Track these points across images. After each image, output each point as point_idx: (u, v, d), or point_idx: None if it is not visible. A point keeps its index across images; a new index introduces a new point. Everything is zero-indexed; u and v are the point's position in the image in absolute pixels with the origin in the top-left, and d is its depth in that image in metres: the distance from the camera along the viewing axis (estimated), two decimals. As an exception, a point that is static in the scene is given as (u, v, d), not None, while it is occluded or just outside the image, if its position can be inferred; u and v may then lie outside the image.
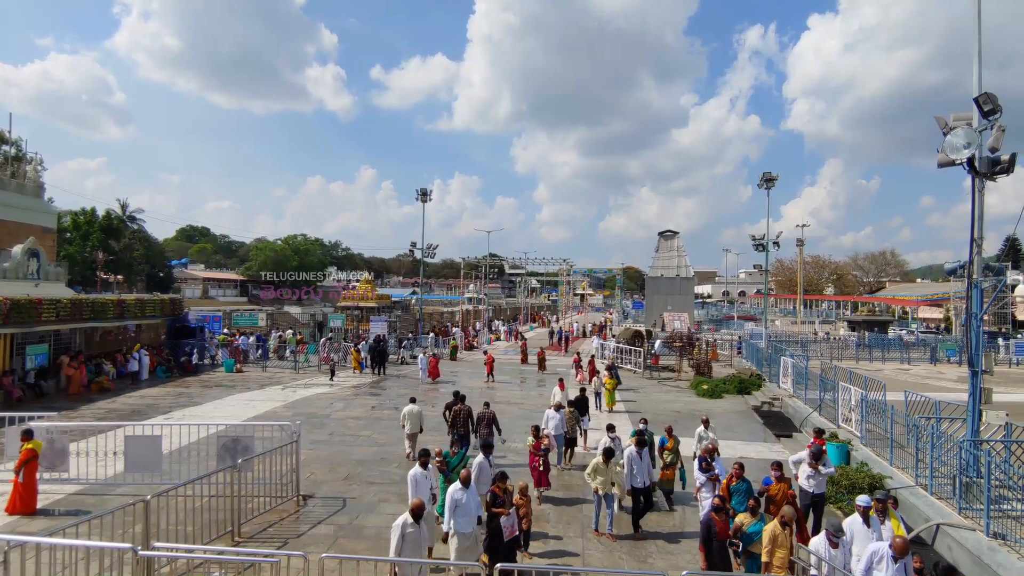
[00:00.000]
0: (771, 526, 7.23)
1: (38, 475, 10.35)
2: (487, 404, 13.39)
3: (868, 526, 7.39)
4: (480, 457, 9.80)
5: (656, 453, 11.17)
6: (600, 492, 9.50)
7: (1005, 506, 9.15)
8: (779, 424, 18.06)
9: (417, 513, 7.07)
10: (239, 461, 9.37)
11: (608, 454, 9.65)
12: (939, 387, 23.48)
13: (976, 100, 10.06)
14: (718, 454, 10.07)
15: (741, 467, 9.06)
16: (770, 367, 25.06)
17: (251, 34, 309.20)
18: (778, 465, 8.97)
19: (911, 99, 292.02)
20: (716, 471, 9.49)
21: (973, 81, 10.48)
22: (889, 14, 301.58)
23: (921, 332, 51.79)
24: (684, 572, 6.24)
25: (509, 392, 22.64)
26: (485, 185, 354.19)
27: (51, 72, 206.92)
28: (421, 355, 26.05)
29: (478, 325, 47.32)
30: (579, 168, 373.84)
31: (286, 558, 7.11)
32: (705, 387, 23.10)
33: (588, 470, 9.67)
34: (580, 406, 14.98)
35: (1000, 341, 36.74)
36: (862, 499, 7.66)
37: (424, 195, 39.14)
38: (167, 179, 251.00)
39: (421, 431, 13.58)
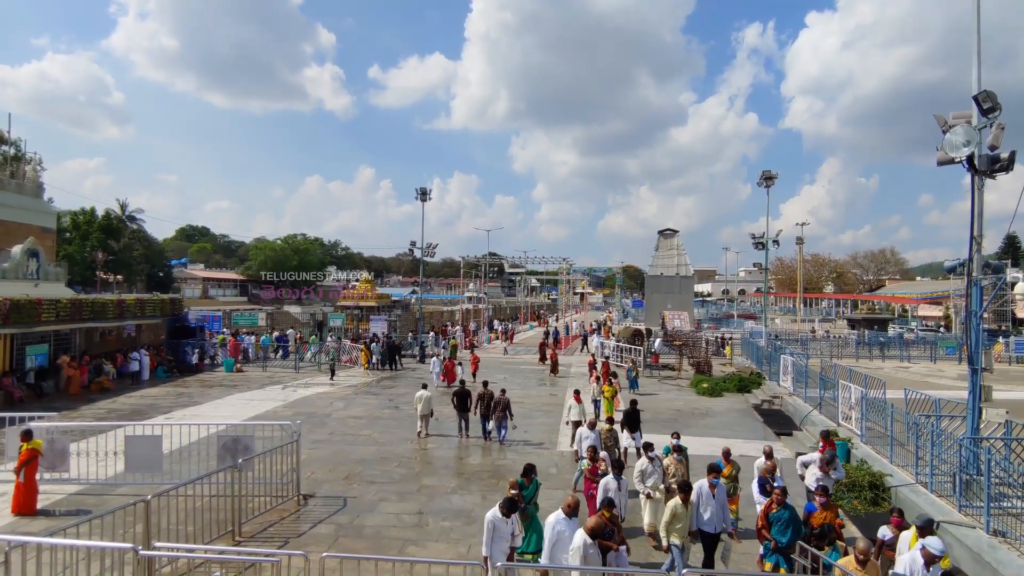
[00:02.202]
0: (845, 561, 6.48)
1: (38, 475, 10.36)
2: (503, 391, 15.47)
3: (928, 571, 6.29)
4: (609, 477, 8.94)
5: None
6: (679, 543, 7.72)
7: (1005, 504, 9.16)
8: (779, 422, 18.07)
9: (596, 533, 6.55)
10: (239, 461, 9.37)
11: (686, 489, 7.96)
12: (939, 385, 23.52)
13: (975, 98, 10.06)
14: (781, 477, 9.18)
15: (784, 492, 7.98)
16: (770, 365, 25.09)
17: (248, 34, 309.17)
18: (823, 490, 8.13)
19: (909, 97, 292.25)
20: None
21: (972, 79, 10.47)
22: (887, 11, 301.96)
23: (921, 330, 51.84)
24: (685, 571, 6.25)
25: (510, 392, 22.59)
26: (484, 184, 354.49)
27: (48, 72, 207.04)
28: (435, 359, 25.11)
29: (473, 325, 47.15)
30: (578, 167, 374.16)
31: (287, 558, 7.12)
32: (705, 385, 23.11)
33: (666, 518, 7.86)
34: (631, 421, 13.33)
35: (1000, 339, 36.74)
36: (936, 546, 6.21)
37: (423, 194, 39.06)
38: (166, 179, 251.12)
39: (431, 414, 15.93)
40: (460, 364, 24.76)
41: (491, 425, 15.10)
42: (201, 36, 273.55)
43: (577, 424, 13.80)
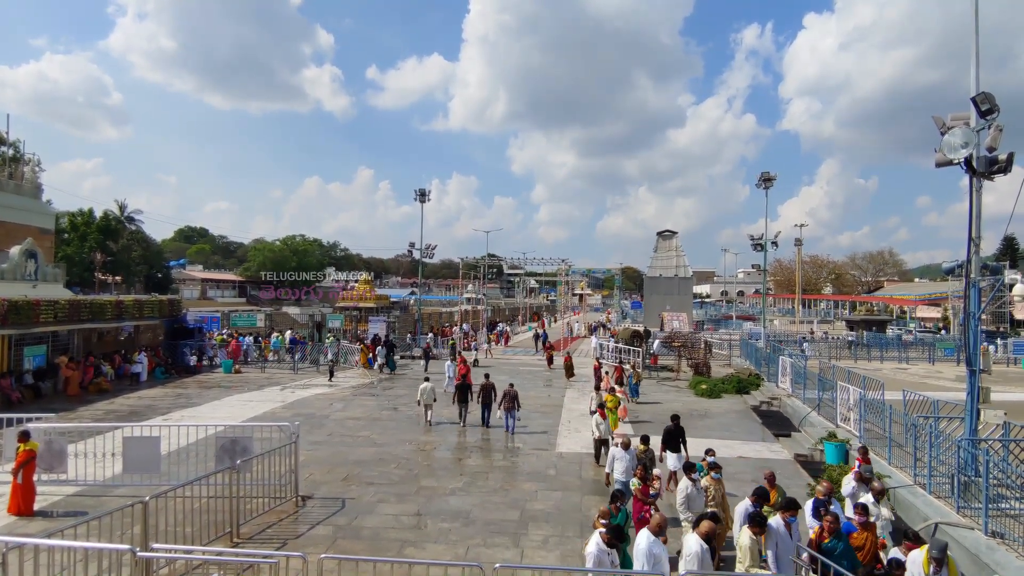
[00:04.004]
0: None
1: (36, 476, 10.34)
2: (512, 384, 16.59)
3: None
4: (685, 482, 8.58)
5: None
6: None
7: (1003, 505, 9.16)
8: (778, 423, 18.09)
9: (709, 537, 6.45)
10: (238, 462, 9.35)
11: (759, 521, 6.98)
12: (937, 386, 23.55)
13: (974, 100, 10.08)
14: (839, 500, 8.32)
15: (836, 519, 6.98)
16: (768, 367, 25.11)
17: (247, 35, 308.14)
18: (863, 508, 7.46)
19: (907, 98, 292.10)
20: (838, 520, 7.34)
21: (971, 81, 10.50)
22: (885, 13, 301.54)
23: (919, 331, 51.93)
24: (683, 572, 6.24)
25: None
26: (483, 185, 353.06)
27: (46, 73, 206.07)
28: (449, 362, 23.63)
29: (464, 327, 46.67)
30: (576, 168, 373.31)
31: (285, 559, 7.12)
32: (704, 387, 23.12)
33: (743, 559, 6.95)
34: (672, 439, 11.75)
35: (999, 341, 36.81)
36: None
37: (422, 195, 39.13)
38: (165, 180, 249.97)
39: (435, 400, 17.40)
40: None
41: (499, 414, 16.43)
42: (200, 37, 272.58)
43: (603, 443, 12.94)
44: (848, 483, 9.24)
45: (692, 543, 6.44)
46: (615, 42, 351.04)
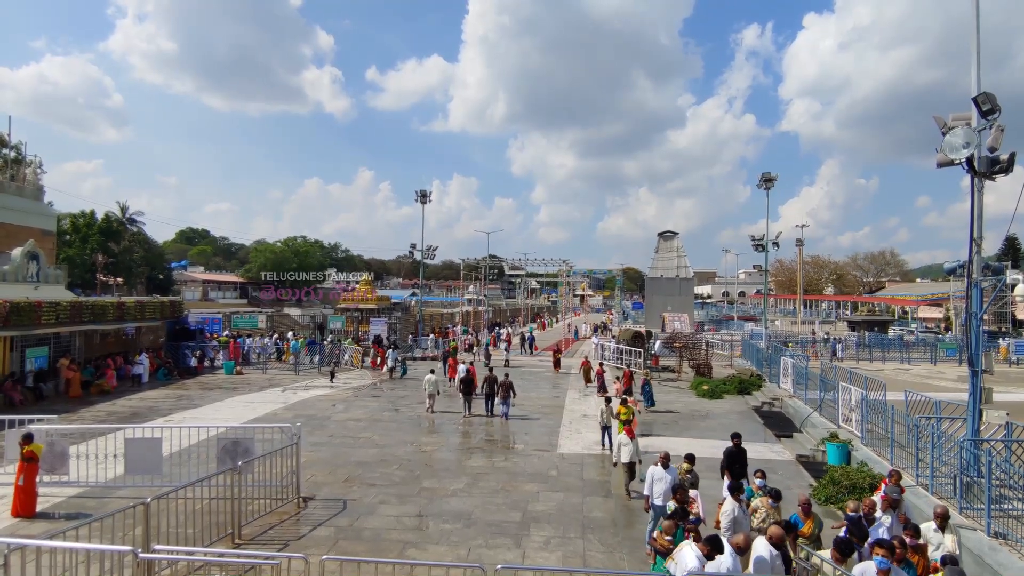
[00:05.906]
0: None
1: (38, 478, 10.34)
2: (507, 375, 18.98)
3: None
4: (730, 503, 7.85)
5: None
6: None
7: (1006, 505, 9.15)
8: (779, 424, 18.07)
9: (778, 542, 6.26)
10: (239, 463, 9.36)
11: (845, 549, 6.31)
12: (939, 387, 23.52)
13: (975, 100, 10.08)
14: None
15: (904, 544, 6.33)
16: (770, 367, 25.08)
17: (247, 36, 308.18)
18: (915, 531, 6.90)
19: (906, 98, 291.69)
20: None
21: (972, 81, 10.49)
22: (884, 13, 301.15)
23: (921, 332, 51.86)
24: (685, 572, 6.23)
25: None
26: (483, 186, 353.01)
27: (46, 74, 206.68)
28: (461, 365, 23.53)
29: (457, 329, 46.53)
30: (576, 169, 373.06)
31: (286, 560, 7.13)
32: (705, 388, 23.09)
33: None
34: (734, 463, 10.43)
35: (1000, 341, 36.73)
36: None
37: (423, 196, 39.21)
38: (165, 181, 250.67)
39: (439, 393, 19.34)
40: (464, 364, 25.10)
41: (497, 403, 18.10)
42: (199, 38, 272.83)
43: (631, 466, 11.45)
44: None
45: (760, 547, 6.28)
46: (614, 43, 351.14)
